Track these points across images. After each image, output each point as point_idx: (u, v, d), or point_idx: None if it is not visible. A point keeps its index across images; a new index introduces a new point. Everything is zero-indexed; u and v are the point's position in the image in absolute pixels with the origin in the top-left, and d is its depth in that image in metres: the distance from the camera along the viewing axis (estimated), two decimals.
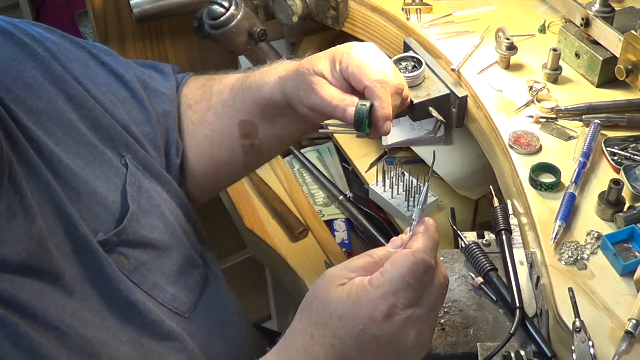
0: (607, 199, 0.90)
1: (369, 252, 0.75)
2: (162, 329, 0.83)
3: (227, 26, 1.24)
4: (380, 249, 0.76)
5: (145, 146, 0.94)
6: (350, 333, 0.71)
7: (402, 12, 1.24)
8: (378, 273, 0.72)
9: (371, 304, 0.70)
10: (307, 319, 0.73)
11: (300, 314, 0.75)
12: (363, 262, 0.74)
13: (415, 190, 1.28)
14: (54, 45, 0.89)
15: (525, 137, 1.01)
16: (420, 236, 0.74)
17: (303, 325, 0.74)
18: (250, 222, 1.35)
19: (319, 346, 0.72)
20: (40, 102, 0.83)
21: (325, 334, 0.71)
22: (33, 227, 0.74)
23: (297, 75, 0.92)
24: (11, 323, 0.68)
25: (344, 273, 0.73)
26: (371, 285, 0.71)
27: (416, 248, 0.72)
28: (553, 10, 1.23)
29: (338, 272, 0.74)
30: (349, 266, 0.74)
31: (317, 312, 0.72)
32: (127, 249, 0.84)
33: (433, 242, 0.74)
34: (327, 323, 0.71)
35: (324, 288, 0.73)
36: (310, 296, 0.74)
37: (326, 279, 0.74)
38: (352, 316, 0.70)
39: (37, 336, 0.69)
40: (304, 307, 0.75)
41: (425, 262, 0.71)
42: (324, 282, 0.74)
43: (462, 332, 0.83)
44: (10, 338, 0.67)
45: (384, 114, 0.88)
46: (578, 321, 0.77)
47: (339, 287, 0.72)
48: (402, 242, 0.75)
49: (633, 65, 1.01)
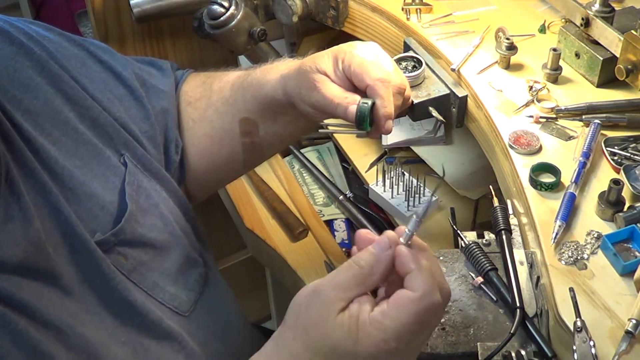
0: (607, 199, 0.90)
1: (355, 260, 0.70)
2: (162, 328, 0.83)
3: (227, 26, 1.24)
4: (366, 253, 0.71)
5: (144, 144, 0.94)
6: None
7: (402, 12, 1.24)
8: (380, 313, 0.67)
9: (373, 347, 0.67)
10: (304, 343, 0.70)
11: (293, 331, 0.71)
12: (353, 275, 0.70)
13: (415, 190, 1.28)
14: (51, 43, 0.89)
15: (525, 137, 1.01)
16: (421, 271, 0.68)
17: (299, 347, 0.70)
18: (250, 222, 1.35)
19: None
20: (37, 102, 0.83)
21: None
22: (30, 229, 0.73)
23: (299, 73, 0.92)
24: (11, 320, 0.68)
25: (338, 294, 0.69)
26: (372, 326, 0.67)
27: (422, 292, 0.67)
28: (553, 10, 1.23)
29: (332, 294, 0.69)
30: (340, 284, 0.69)
31: (316, 341, 0.69)
32: (126, 249, 0.84)
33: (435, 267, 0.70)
34: (326, 354, 0.69)
35: (322, 316, 0.69)
36: (305, 318, 0.70)
37: (321, 302, 0.69)
38: (353, 354, 0.68)
39: (37, 334, 0.69)
40: (298, 327, 0.70)
41: (434, 306, 0.68)
42: (319, 306, 0.69)
43: (462, 332, 0.83)
44: (10, 335, 0.67)
45: (386, 113, 0.88)
46: (579, 321, 0.77)
47: (338, 315, 0.68)
48: (389, 242, 0.71)
49: (633, 65, 1.01)
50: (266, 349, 0.73)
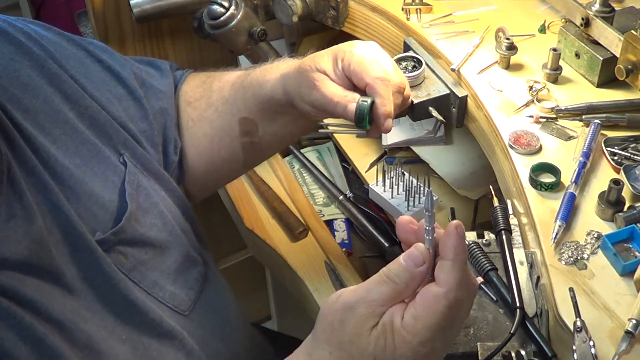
0: (607, 199, 0.90)
1: (390, 276, 0.69)
2: (162, 327, 0.83)
3: (227, 26, 1.24)
4: (399, 269, 0.69)
5: (142, 144, 0.94)
6: None
7: (402, 12, 1.24)
8: (411, 317, 0.67)
9: (411, 352, 0.67)
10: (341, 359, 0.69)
11: (329, 346, 0.70)
12: (387, 291, 0.68)
13: (415, 190, 1.28)
14: (50, 43, 0.89)
15: (525, 137, 1.01)
16: (448, 268, 0.67)
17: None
18: (250, 222, 1.35)
19: None
20: (37, 102, 0.83)
21: None
22: (33, 226, 0.74)
23: (299, 72, 0.92)
24: (16, 314, 0.68)
25: (374, 311, 0.68)
26: (407, 331, 0.67)
27: (448, 288, 0.67)
28: (553, 10, 1.23)
29: (367, 312, 0.68)
30: (374, 300, 0.68)
31: (354, 357, 0.69)
32: (126, 248, 0.84)
33: (462, 262, 0.68)
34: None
35: (357, 332, 0.68)
36: (340, 334, 0.69)
37: (356, 318, 0.68)
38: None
39: (42, 329, 0.70)
40: (332, 342, 0.70)
41: (459, 301, 0.67)
42: (354, 322, 0.68)
43: (462, 332, 0.83)
44: (16, 329, 0.68)
45: (385, 111, 0.88)
46: (579, 321, 0.77)
47: (372, 330, 0.68)
48: (422, 257, 0.68)
49: (633, 65, 1.01)
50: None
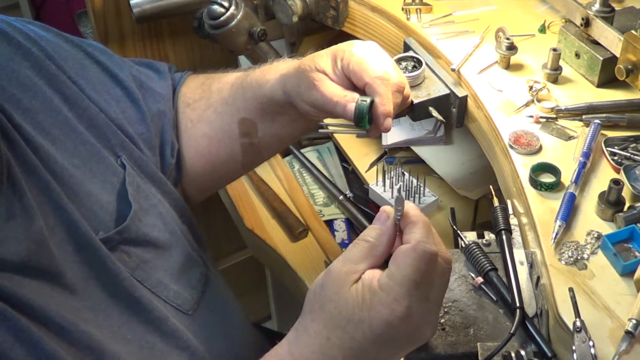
0: (607, 199, 0.90)
1: (362, 237, 0.75)
2: (167, 326, 0.84)
3: (227, 26, 1.24)
4: (371, 229, 0.75)
5: (140, 146, 0.94)
6: (368, 337, 0.71)
7: (402, 12, 1.24)
8: (386, 276, 0.71)
9: (387, 310, 0.70)
10: (321, 321, 0.73)
11: (311, 314, 0.74)
12: (362, 249, 0.74)
13: (415, 190, 1.28)
14: (49, 44, 0.89)
15: (526, 137, 1.01)
16: (412, 225, 0.73)
17: (317, 327, 0.73)
18: (250, 222, 1.35)
19: (337, 349, 0.72)
20: (36, 102, 0.83)
21: (342, 338, 0.72)
22: (32, 227, 0.74)
23: (298, 72, 0.92)
24: (12, 317, 0.68)
25: (350, 267, 0.73)
26: (382, 290, 0.70)
27: (415, 241, 0.71)
28: (553, 10, 1.23)
29: (343, 269, 0.73)
30: (349, 258, 0.74)
31: (332, 316, 0.72)
32: (129, 247, 0.84)
33: (426, 226, 0.73)
34: (344, 327, 0.72)
35: (335, 289, 0.72)
36: (320, 297, 0.74)
37: (333, 278, 0.73)
38: (369, 322, 0.71)
39: (38, 331, 0.69)
40: (314, 308, 0.74)
41: (428, 253, 0.71)
42: (332, 282, 0.73)
43: (462, 332, 0.83)
44: (12, 331, 0.67)
45: (385, 111, 0.88)
46: (579, 321, 0.77)
47: (351, 287, 0.72)
48: (386, 214, 0.75)
49: (633, 65, 1.01)
50: (288, 338, 0.76)
